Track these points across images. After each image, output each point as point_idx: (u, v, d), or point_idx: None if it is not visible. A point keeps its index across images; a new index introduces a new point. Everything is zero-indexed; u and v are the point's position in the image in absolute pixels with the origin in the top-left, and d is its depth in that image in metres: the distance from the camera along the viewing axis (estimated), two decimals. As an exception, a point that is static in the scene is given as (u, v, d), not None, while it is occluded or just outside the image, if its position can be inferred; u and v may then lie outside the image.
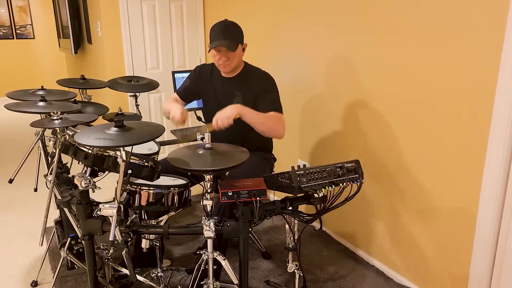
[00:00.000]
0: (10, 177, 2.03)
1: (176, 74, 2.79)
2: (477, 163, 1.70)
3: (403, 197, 2.09)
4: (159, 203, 1.73)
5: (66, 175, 1.98)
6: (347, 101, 2.36)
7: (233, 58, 2.03)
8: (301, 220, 1.61)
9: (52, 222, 2.29)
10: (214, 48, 1.98)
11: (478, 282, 1.77)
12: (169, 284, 2.12)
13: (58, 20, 5.39)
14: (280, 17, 2.84)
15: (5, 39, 7.84)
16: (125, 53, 3.67)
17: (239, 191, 1.46)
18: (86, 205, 1.56)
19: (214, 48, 1.98)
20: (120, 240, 1.52)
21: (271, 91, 2.11)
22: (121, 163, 1.43)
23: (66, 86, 2.45)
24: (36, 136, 2.02)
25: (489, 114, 1.62)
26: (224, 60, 2.03)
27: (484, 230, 1.71)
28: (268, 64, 3.03)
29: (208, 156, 1.56)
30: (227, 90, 2.15)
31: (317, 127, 2.66)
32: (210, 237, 1.53)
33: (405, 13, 1.92)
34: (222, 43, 1.96)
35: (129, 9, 3.59)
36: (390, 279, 2.20)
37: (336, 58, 2.39)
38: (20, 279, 2.23)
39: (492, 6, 1.56)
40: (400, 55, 1.98)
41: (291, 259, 1.77)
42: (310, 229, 2.72)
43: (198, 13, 3.91)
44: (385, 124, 2.12)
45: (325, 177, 1.51)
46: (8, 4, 7.78)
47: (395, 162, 2.10)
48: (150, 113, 3.87)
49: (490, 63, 1.59)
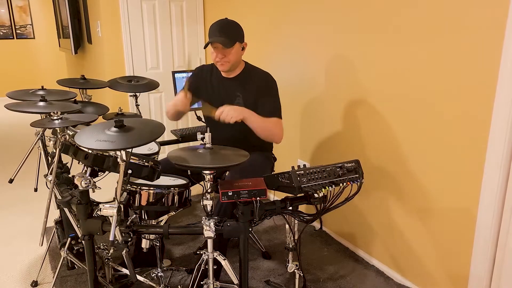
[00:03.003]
0: (10, 177, 2.03)
1: (176, 74, 2.79)
2: (477, 163, 1.70)
3: (403, 197, 2.09)
4: (159, 203, 1.72)
5: (66, 175, 1.98)
6: (348, 101, 2.36)
7: (229, 56, 2.02)
8: (301, 220, 1.61)
9: (52, 222, 2.29)
10: (210, 44, 1.99)
11: (478, 282, 1.77)
12: (169, 284, 2.12)
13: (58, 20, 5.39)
14: (280, 17, 2.84)
15: (5, 39, 7.84)
16: (125, 53, 3.67)
17: (239, 191, 1.46)
18: (86, 205, 1.56)
19: (210, 44, 1.99)
20: (120, 240, 1.52)
21: (272, 94, 2.11)
22: (121, 163, 1.43)
23: (66, 86, 2.46)
24: (36, 136, 2.02)
25: (489, 114, 1.62)
26: (220, 57, 2.02)
27: (484, 230, 1.71)
28: (268, 64, 3.03)
29: (208, 156, 1.56)
30: (228, 91, 2.15)
31: (317, 127, 2.66)
32: (210, 237, 1.53)
33: (405, 13, 1.92)
34: (217, 39, 1.97)
35: (129, 9, 3.59)
36: (390, 279, 2.20)
37: (336, 58, 2.39)
38: (20, 279, 2.23)
39: (492, 6, 1.56)
40: (400, 55, 1.98)
41: (291, 259, 1.77)
42: (310, 229, 2.72)
43: (198, 13, 3.91)
44: (385, 124, 2.12)
45: (325, 177, 1.51)
46: (8, 4, 7.78)
47: (395, 162, 2.10)
48: (150, 113, 3.87)
49: (490, 63, 1.59)
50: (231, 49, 2.00)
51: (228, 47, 1.98)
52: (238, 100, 2.11)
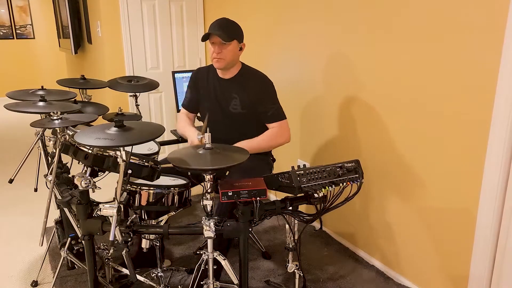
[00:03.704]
0: (10, 177, 2.03)
1: (176, 74, 2.79)
2: (477, 163, 1.70)
3: (403, 197, 2.09)
4: (159, 203, 1.73)
5: (66, 175, 1.98)
6: (348, 101, 2.36)
7: (226, 52, 2.03)
8: (301, 220, 1.61)
9: (52, 222, 2.29)
10: (208, 38, 2.01)
11: (478, 282, 1.77)
12: (169, 284, 2.12)
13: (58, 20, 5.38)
14: (280, 17, 2.84)
15: (5, 39, 7.84)
16: (125, 53, 3.67)
17: (239, 191, 1.46)
18: (86, 205, 1.56)
19: (209, 39, 2.01)
20: (120, 240, 1.52)
21: (271, 98, 2.12)
22: (121, 163, 1.43)
23: (66, 86, 2.45)
24: (36, 136, 2.02)
25: (489, 114, 1.62)
26: (217, 53, 2.03)
27: (484, 230, 1.71)
28: (268, 64, 3.03)
29: (208, 156, 1.56)
30: (225, 92, 2.15)
31: (317, 127, 2.66)
32: (210, 237, 1.53)
33: (405, 13, 1.92)
34: (215, 32, 1.99)
35: (129, 9, 3.59)
36: (390, 279, 2.20)
37: (336, 59, 2.39)
38: (20, 279, 2.23)
39: (492, 6, 1.56)
40: (400, 55, 1.98)
41: (291, 259, 1.77)
42: (310, 229, 2.72)
43: (198, 13, 3.90)
44: (385, 124, 2.12)
45: (325, 177, 1.51)
46: (8, 4, 7.78)
47: (395, 162, 2.10)
48: (150, 113, 3.87)
49: (490, 63, 1.59)
50: (228, 45, 2.01)
51: (225, 41, 1.99)
52: (234, 102, 2.11)
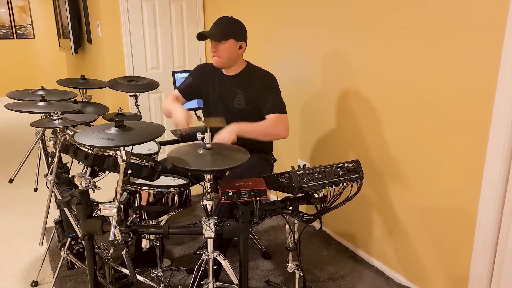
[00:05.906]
0: (10, 177, 2.03)
1: (176, 74, 2.79)
2: (477, 163, 1.70)
3: (403, 197, 2.09)
4: (159, 203, 1.72)
5: (66, 175, 1.98)
6: (348, 101, 2.36)
7: (221, 51, 2.02)
8: (301, 220, 1.61)
9: (52, 222, 2.29)
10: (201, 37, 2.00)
11: (478, 282, 1.77)
12: (169, 284, 2.12)
13: (58, 20, 5.39)
14: (280, 17, 2.84)
15: (5, 39, 7.84)
16: (125, 53, 3.67)
17: (239, 191, 1.46)
18: (86, 205, 1.55)
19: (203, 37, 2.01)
20: (120, 240, 1.52)
21: (273, 91, 2.10)
22: (121, 163, 1.43)
23: (66, 86, 2.45)
24: (36, 136, 2.02)
25: (489, 114, 1.62)
26: (213, 51, 2.04)
27: (484, 230, 1.71)
28: (268, 63, 3.03)
29: (208, 156, 1.56)
30: (229, 88, 2.15)
31: (317, 127, 2.66)
32: (210, 237, 1.53)
33: (405, 13, 1.92)
34: (206, 31, 1.99)
35: (129, 9, 3.59)
36: (390, 279, 2.20)
37: (336, 58, 2.39)
38: (20, 279, 2.23)
39: (492, 6, 1.56)
40: (400, 55, 1.98)
41: (291, 259, 1.77)
42: (310, 229, 2.72)
43: (198, 13, 3.91)
44: (385, 124, 2.12)
45: (325, 177, 1.51)
46: (8, 4, 7.78)
47: (395, 162, 2.10)
48: (150, 113, 3.87)
49: (490, 63, 1.59)
50: (223, 44, 2.01)
51: (215, 40, 1.99)
52: (238, 98, 2.12)
